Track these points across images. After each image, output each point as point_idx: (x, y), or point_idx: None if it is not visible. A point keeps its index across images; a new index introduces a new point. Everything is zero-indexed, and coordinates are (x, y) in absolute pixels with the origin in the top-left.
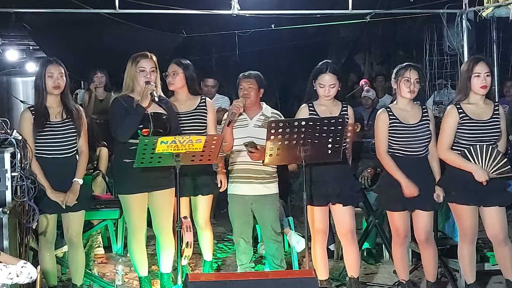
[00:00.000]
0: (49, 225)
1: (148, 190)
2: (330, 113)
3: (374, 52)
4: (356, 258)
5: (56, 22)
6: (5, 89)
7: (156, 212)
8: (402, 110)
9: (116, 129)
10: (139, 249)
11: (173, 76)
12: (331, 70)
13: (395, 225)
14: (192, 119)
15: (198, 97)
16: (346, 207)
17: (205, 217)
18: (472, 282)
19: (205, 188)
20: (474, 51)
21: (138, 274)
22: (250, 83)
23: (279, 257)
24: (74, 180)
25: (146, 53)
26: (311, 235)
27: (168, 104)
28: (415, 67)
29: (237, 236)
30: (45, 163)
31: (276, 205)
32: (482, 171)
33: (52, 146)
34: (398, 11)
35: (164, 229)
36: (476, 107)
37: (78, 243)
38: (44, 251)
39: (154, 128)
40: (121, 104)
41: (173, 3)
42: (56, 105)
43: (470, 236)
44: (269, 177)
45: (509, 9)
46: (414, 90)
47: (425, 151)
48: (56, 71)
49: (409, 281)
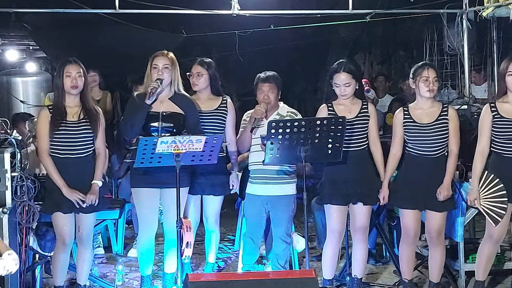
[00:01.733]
0: (66, 226)
1: (160, 186)
2: (349, 112)
3: (374, 52)
4: (363, 257)
5: (56, 22)
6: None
7: (167, 210)
8: (419, 109)
9: (122, 126)
10: (147, 247)
11: (197, 77)
12: (346, 69)
13: (406, 223)
14: (213, 119)
15: (219, 97)
16: (366, 206)
17: (214, 216)
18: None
19: (218, 188)
20: (474, 51)
21: (142, 273)
22: (270, 87)
23: (284, 258)
24: (94, 182)
25: (163, 51)
26: (327, 233)
27: (187, 101)
28: (432, 66)
29: (247, 235)
30: (57, 162)
31: (291, 207)
32: (476, 195)
33: (65, 146)
34: (398, 11)
35: (173, 227)
36: (511, 106)
37: (88, 243)
38: (60, 252)
39: (164, 127)
40: (133, 101)
41: (173, 3)
42: (75, 105)
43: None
44: (287, 178)
45: (509, 9)
46: (433, 89)
47: (441, 151)
48: (74, 71)
49: (411, 281)
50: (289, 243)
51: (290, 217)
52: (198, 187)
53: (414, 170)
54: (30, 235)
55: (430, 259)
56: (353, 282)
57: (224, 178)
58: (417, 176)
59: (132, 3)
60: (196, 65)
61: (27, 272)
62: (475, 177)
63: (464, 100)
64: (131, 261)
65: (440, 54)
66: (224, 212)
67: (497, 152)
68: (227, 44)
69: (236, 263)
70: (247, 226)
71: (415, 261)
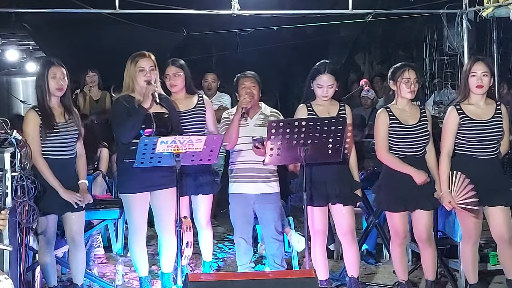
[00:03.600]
0: (49, 225)
1: (150, 189)
2: (328, 113)
3: (374, 52)
4: (356, 257)
5: (56, 22)
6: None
7: (158, 211)
8: (401, 110)
9: (118, 130)
10: (140, 249)
11: (175, 77)
12: (329, 70)
13: (394, 225)
14: (192, 118)
15: (195, 95)
16: (346, 207)
17: (205, 216)
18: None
19: (206, 187)
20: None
21: (139, 274)
22: (252, 82)
23: (279, 257)
24: (81, 182)
25: (144, 53)
26: (311, 235)
27: (168, 102)
28: (412, 67)
29: (238, 236)
30: (52, 165)
31: (278, 204)
32: (449, 197)
33: (58, 147)
34: (398, 11)
35: (166, 228)
36: (476, 108)
37: (79, 243)
38: (45, 251)
39: (157, 127)
40: (122, 104)
41: (173, 2)
42: (58, 106)
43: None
44: (271, 176)
45: (509, 9)
46: (414, 90)
47: (423, 152)
48: (58, 72)
49: (408, 281)
50: (281, 241)
51: (278, 215)
52: (186, 188)
53: (399, 171)
54: (30, 235)
55: (423, 260)
56: (351, 282)
57: (211, 177)
58: (402, 178)
59: (132, 3)
60: (171, 67)
61: (27, 272)
62: (444, 181)
63: None
64: (131, 261)
65: (440, 54)
66: (224, 212)
67: (468, 154)
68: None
69: (235, 262)
70: (236, 227)
71: (414, 261)
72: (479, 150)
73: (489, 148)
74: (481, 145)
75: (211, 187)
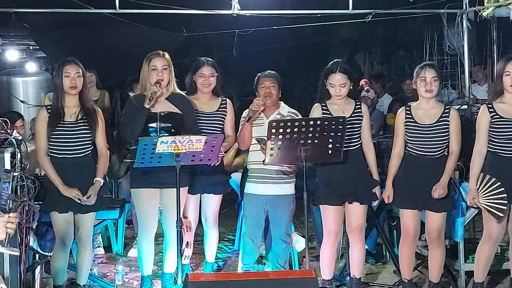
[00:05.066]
0: (65, 226)
1: (160, 186)
2: (343, 112)
3: (374, 52)
4: (361, 257)
5: (56, 22)
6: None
7: (167, 210)
8: (420, 109)
9: (122, 130)
10: (147, 247)
11: (210, 78)
12: (341, 69)
13: (405, 223)
14: (213, 120)
15: (219, 98)
16: (362, 205)
17: (214, 216)
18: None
19: (219, 186)
20: (474, 51)
21: (142, 273)
22: (272, 82)
23: (284, 258)
24: (96, 179)
25: (159, 52)
26: (323, 234)
27: (184, 101)
28: (431, 66)
29: (247, 235)
30: (54, 163)
31: (290, 206)
32: (474, 194)
33: (63, 146)
34: (398, 11)
35: (172, 227)
36: (507, 106)
37: (87, 243)
38: (59, 251)
39: (162, 127)
40: (132, 104)
41: (174, 2)
42: (73, 105)
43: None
44: (286, 177)
45: (509, 9)
46: (431, 89)
47: (441, 152)
48: (73, 71)
49: (411, 281)
50: (288, 243)
51: (289, 217)
52: (198, 185)
53: (414, 170)
54: (30, 235)
55: (430, 259)
56: (352, 282)
57: (224, 177)
58: (416, 176)
59: (133, 3)
60: (208, 67)
61: (27, 272)
62: (473, 177)
63: (464, 100)
64: (131, 261)
65: (440, 54)
66: (224, 212)
67: (495, 152)
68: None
69: (236, 263)
70: (246, 226)
71: (415, 261)
72: (509, 149)
73: None
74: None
75: (224, 187)
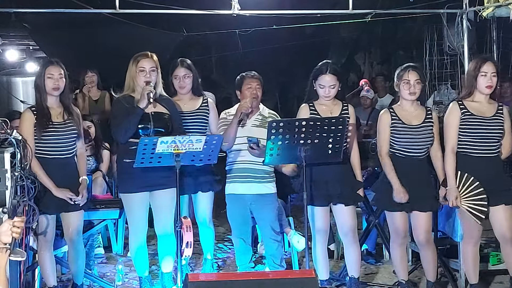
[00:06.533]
0: (49, 225)
1: (150, 189)
2: (330, 113)
3: (374, 52)
4: (357, 257)
5: (56, 22)
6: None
7: (158, 212)
8: (405, 111)
9: (115, 130)
10: (140, 249)
11: (184, 79)
12: (331, 71)
13: (394, 225)
14: (195, 119)
15: (200, 97)
16: (348, 207)
17: (206, 214)
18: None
19: (205, 185)
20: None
21: (139, 274)
22: (258, 84)
23: (278, 257)
24: (82, 178)
25: (147, 53)
26: (312, 234)
27: (170, 102)
28: (414, 68)
29: (236, 236)
30: (45, 164)
31: (275, 205)
32: (456, 193)
33: (53, 147)
34: (398, 11)
35: (166, 228)
36: (480, 105)
37: (78, 242)
38: (44, 251)
39: (155, 127)
40: (122, 104)
41: (173, 2)
42: (56, 106)
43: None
44: (267, 177)
45: (509, 9)
46: (414, 92)
47: (426, 153)
48: (56, 72)
49: (408, 281)
50: (279, 241)
51: (275, 215)
52: (186, 187)
53: (400, 171)
54: (30, 235)
55: (423, 261)
56: (351, 282)
57: (211, 177)
58: (402, 178)
59: (133, 3)
60: (181, 68)
61: (27, 272)
62: (450, 177)
63: None
64: (131, 261)
65: (440, 54)
66: (224, 212)
67: (464, 154)
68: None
69: (235, 262)
70: (233, 227)
71: (414, 261)
72: (480, 148)
73: (490, 146)
74: (483, 143)
75: (211, 185)
